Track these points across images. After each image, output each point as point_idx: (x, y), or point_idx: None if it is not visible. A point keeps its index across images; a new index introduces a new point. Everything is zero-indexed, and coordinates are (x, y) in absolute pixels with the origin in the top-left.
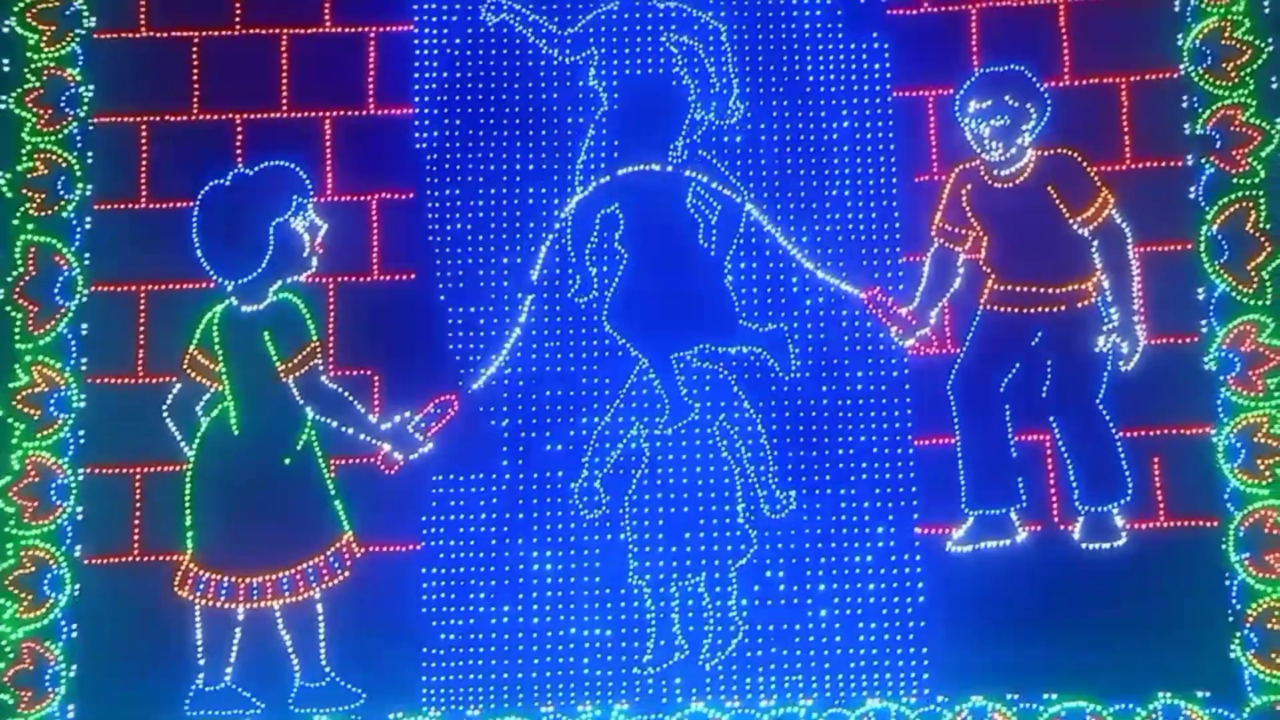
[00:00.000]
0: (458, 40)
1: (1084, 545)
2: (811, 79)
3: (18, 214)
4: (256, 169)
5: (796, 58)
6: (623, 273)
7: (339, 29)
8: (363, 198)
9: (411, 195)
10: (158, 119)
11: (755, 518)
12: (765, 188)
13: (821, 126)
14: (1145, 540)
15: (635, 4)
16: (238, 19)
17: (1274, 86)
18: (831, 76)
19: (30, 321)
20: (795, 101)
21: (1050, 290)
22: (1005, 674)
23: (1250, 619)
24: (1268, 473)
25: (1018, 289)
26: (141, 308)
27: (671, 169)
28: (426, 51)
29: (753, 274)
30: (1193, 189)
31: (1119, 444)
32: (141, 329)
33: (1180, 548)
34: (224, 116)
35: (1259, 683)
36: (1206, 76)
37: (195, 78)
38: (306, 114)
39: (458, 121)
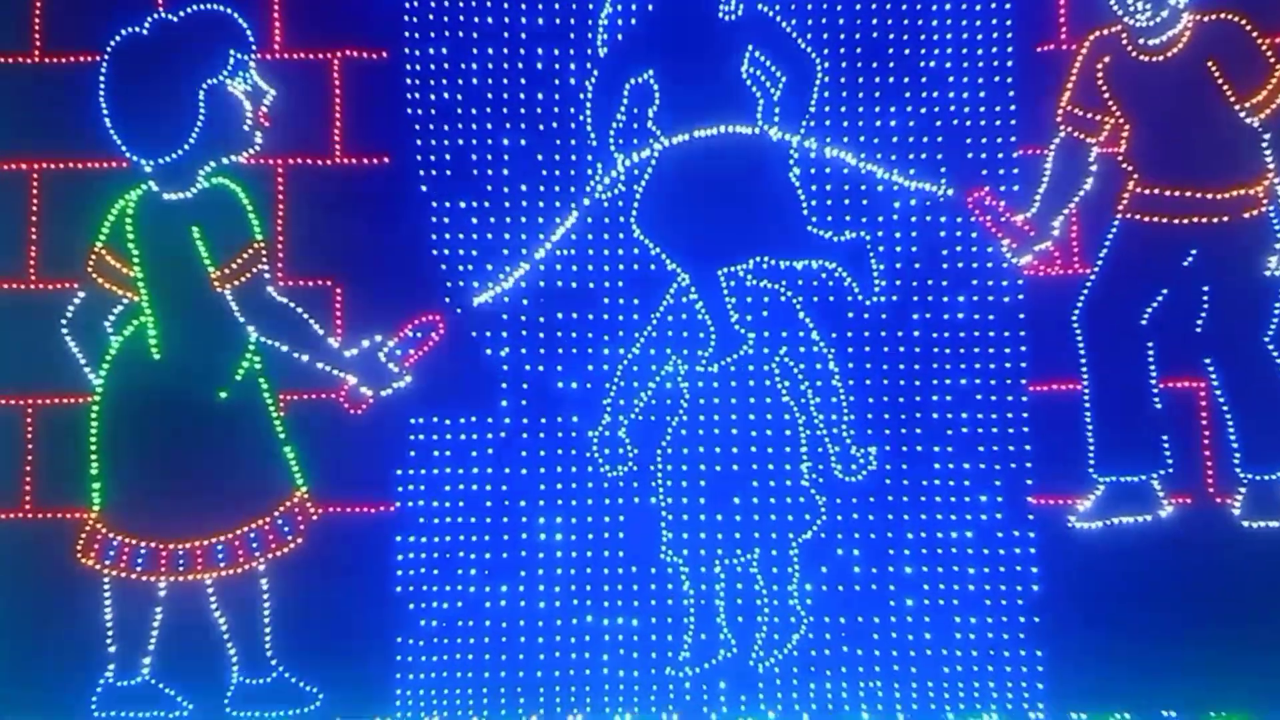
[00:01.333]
0: None
1: (1246, 523)
2: None
3: None
4: (183, 13)
5: None
6: (657, 161)
7: None
8: (322, 56)
9: (386, 55)
10: None
11: (824, 481)
12: (845, 57)
13: None
14: None
15: None
16: None
17: None
18: None
19: None
20: None
21: (1209, 196)
22: (1143, 687)
23: None
24: None
25: (1167, 193)
26: (34, 190)
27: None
28: None
29: (826, 167)
30: None
31: None
32: (33, 221)
33: None
34: None
35: None
36: None
37: None
38: None
39: None
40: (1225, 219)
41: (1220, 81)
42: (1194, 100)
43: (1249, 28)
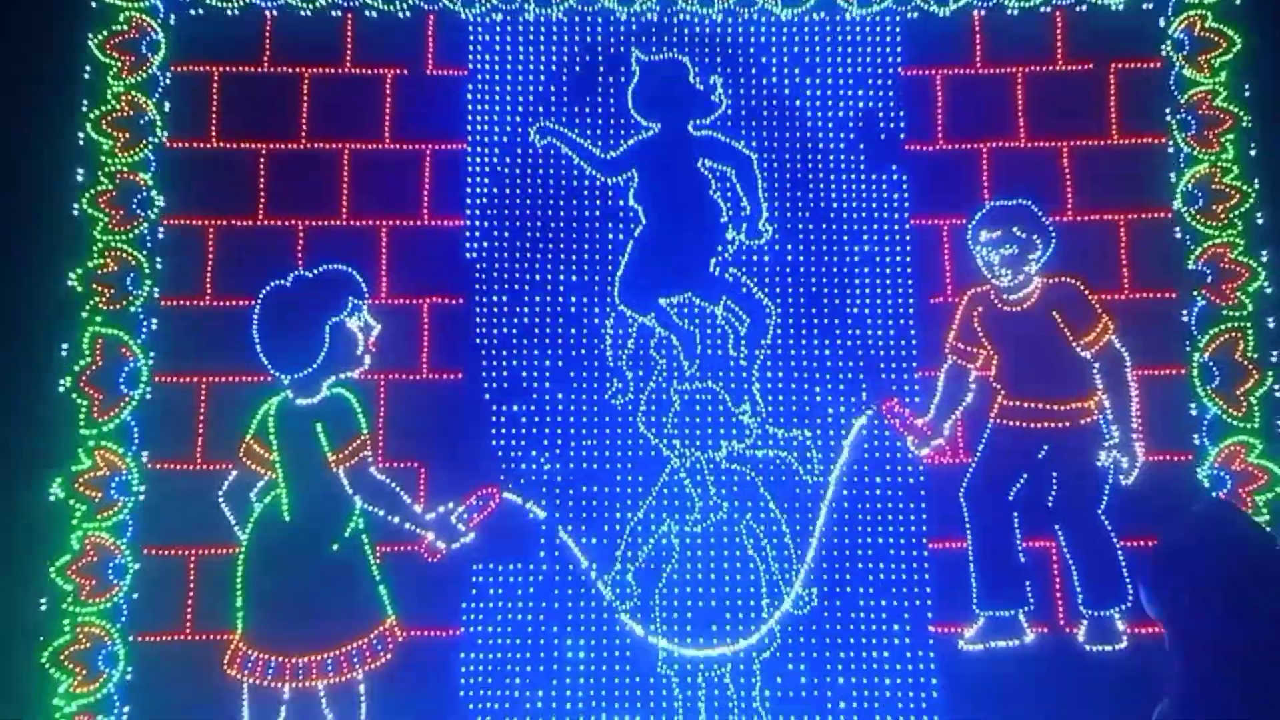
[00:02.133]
0: (507, 159)
1: (1088, 647)
2: (836, 206)
3: (87, 307)
4: (315, 271)
5: (822, 186)
6: (658, 379)
7: (397, 145)
8: (415, 301)
9: (461, 301)
10: (224, 223)
11: (779, 614)
12: (791, 305)
13: (844, 249)
14: (1146, 644)
15: (673, 131)
16: (303, 134)
17: (1260, 224)
18: (854, 204)
19: (95, 408)
20: (820, 226)
21: (1056, 407)
22: None
23: None
24: None
25: (1025, 405)
26: (202, 398)
27: (708, 281)
28: (478, 168)
29: (779, 384)
30: (1186, 318)
31: (1119, 552)
32: (201, 418)
33: None
34: (287, 222)
35: None
36: (1198, 216)
37: (261, 185)
38: (364, 222)
39: (506, 233)
40: (1068, 424)
41: (1062, 326)
42: (1043, 339)
43: (1082, 288)
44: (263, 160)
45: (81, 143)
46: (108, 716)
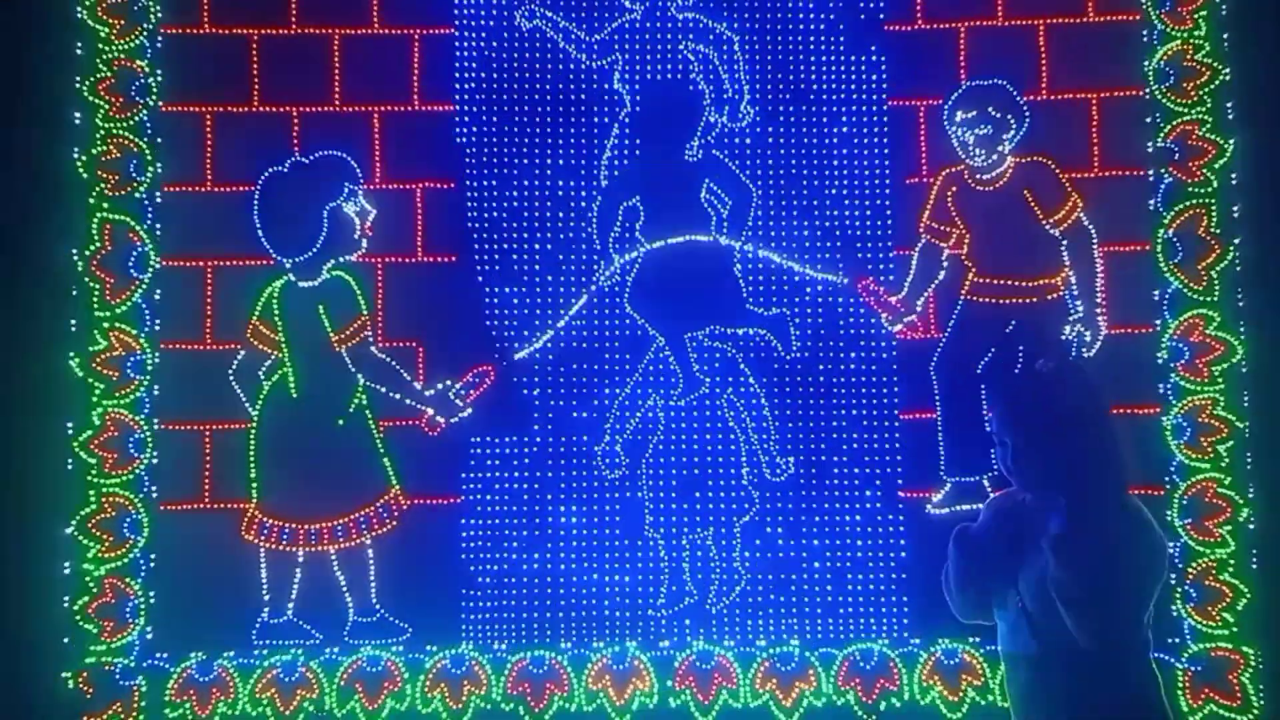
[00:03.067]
0: (494, 43)
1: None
2: (815, 87)
3: (94, 193)
4: (312, 158)
5: (802, 68)
6: (642, 261)
7: (386, 30)
8: (408, 186)
9: (452, 185)
10: (221, 109)
11: (758, 480)
12: (771, 185)
13: (823, 131)
14: None
15: (656, 14)
16: (293, 19)
17: (1229, 105)
18: (833, 85)
19: (108, 291)
20: (800, 107)
21: (1024, 283)
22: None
23: (1190, 576)
24: (1210, 449)
25: (995, 282)
26: (208, 281)
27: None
28: (466, 52)
29: (759, 263)
30: (1152, 199)
31: None
32: (209, 300)
33: None
34: (282, 109)
35: (1196, 632)
36: (1169, 94)
37: (255, 72)
38: (357, 108)
39: (495, 118)
40: (1035, 300)
41: (1033, 204)
42: (1015, 217)
43: (1054, 167)
44: (255, 46)
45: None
46: (134, 578)
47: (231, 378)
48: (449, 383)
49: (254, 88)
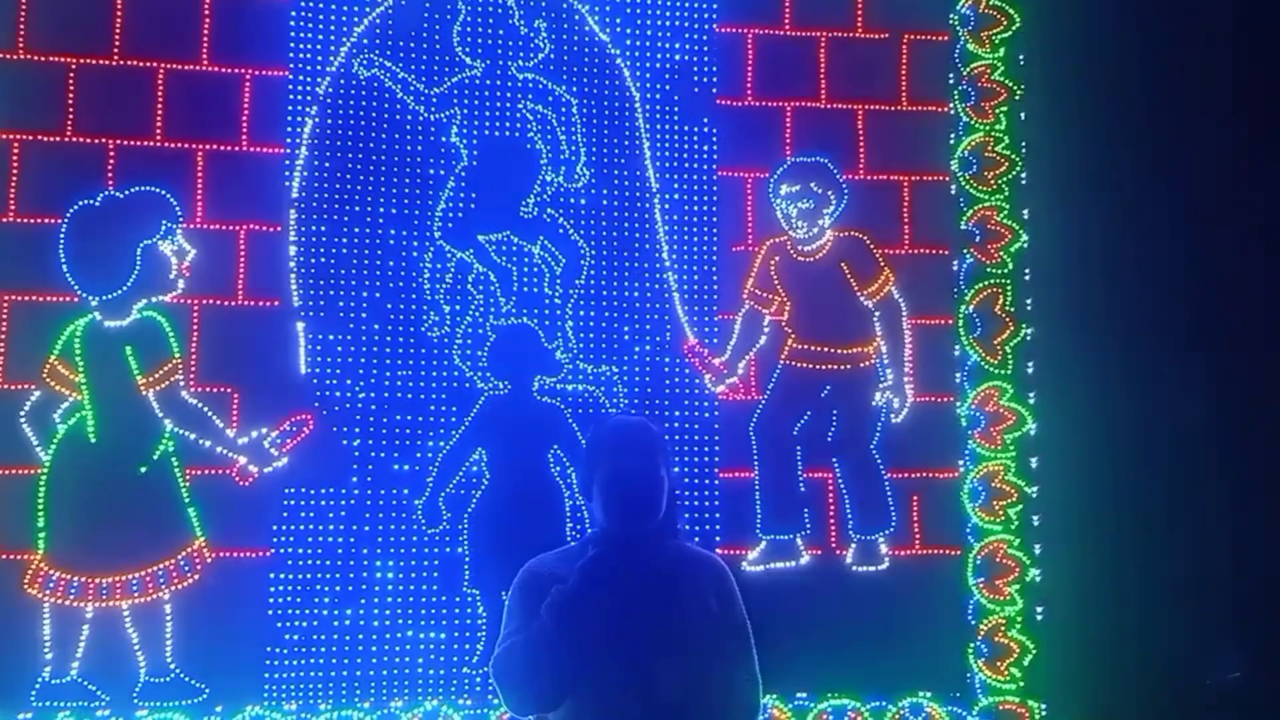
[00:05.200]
0: (330, 89)
1: (854, 568)
2: (649, 154)
3: None
4: (128, 192)
5: (637, 135)
6: (474, 313)
7: (216, 68)
8: (231, 226)
9: (278, 228)
10: (29, 137)
11: (580, 535)
12: (604, 246)
13: (655, 196)
14: (903, 565)
15: (496, 72)
16: (115, 50)
17: (1023, 188)
18: (666, 153)
19: None
20: (634, 173)
21: (839, 350)
22: (788, 675)
23: (981, 632)
24: (1001, 512)
25: (812, 348)
26: (3, 316)
27: (526, 220)
28: (300, 96)
29: (590, 322)
30: (956, 272)
31: (887, 483)
32: (2, 337)
33: (930, 572)
34: (97, 140)
35: (987, 686)
36: (971, 181)
37: (70, 101)
38: (180, 144)
39: (326, 163)
40: (849, 366)
41: (849, 276)
42: (831, 288)
43: (868, 242)
44: (72, 74)
45: None
46: None
47: (22, 420)
48: (263, 430)
49: (68, 117)
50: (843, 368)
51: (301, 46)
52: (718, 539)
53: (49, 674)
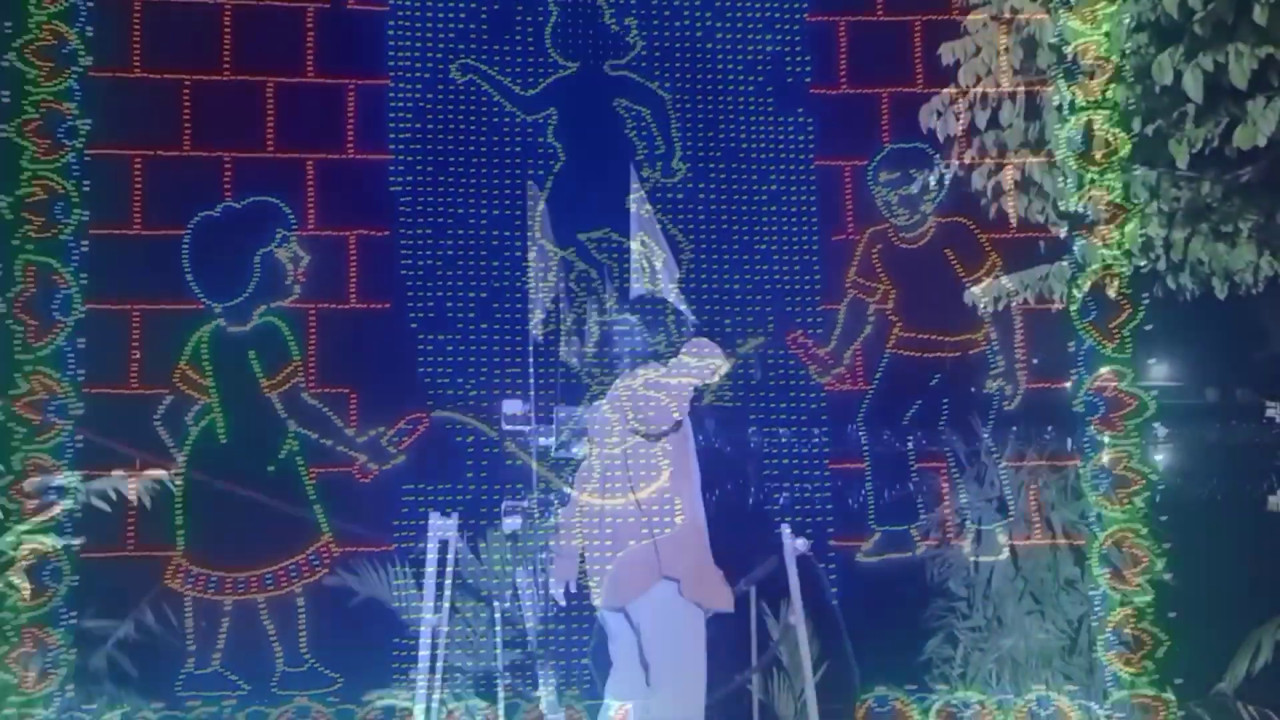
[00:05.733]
0: (429, 95)
1: (972, 558)
2: (745, 146)
3: (18, 235)
4: (244, 203)
5: (733, 127)
6: (579, 310)
7: (320, 79)
8: (341, 233)
9: (386, 233)
10: (150, 153)
11: None
12: (703, 240)
13: (753, 188)
14: (1024, 554)
15: (590, 71)
16: (226, 66)
17: (1135, 171)
18: (763, 144)
19: (30, 334)
20: (731, 165)
21: (947, 339)
22: (907, 668)
23: (1111, 625)
24: (1125, 499)
25: (920, 337)
26: (135, 324)
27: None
28: (401, 103)
29: (693, 315)
30: (1066, 258)
31: (1002, 474)
32: (135, 344)
33: (1051, 562)
34: (213, 154)
35: (1118, 679)
36: (1080, 161)
37: (185, 117)
38: (290, 155)
39: (429, 168)
40: (957, 354)
41: (954, 262)
42: (936, 275)
43: (973, 227)
44: (186, 91)
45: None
46: (55, 627)
47: (157, 422)
48: (381, 429)
49: (184, 132)
50: (951, 355)
51: (400, 55)
52: (830, 530)
53: (192, 665)
